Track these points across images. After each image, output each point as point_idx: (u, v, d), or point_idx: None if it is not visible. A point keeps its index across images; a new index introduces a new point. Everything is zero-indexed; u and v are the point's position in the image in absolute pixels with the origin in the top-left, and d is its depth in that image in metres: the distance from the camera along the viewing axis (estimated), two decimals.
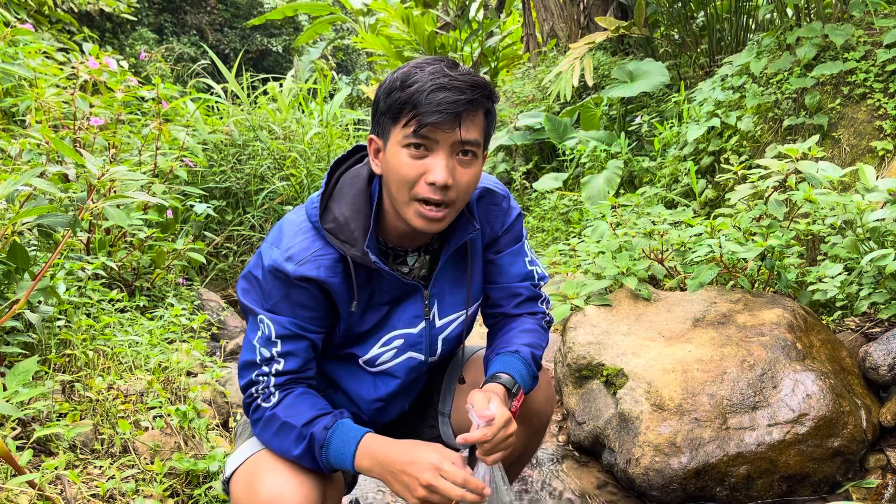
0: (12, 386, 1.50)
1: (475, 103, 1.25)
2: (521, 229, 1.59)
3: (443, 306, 1.49)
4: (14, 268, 2.00)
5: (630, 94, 5.15)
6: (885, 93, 3.47)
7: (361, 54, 15.14)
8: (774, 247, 2.47)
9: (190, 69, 10.02)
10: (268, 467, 1.29)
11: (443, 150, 1.24)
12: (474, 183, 1.32)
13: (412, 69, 1.26)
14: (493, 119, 1.34)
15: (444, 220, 1.30)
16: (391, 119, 1.26)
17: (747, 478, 2.00)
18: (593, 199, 4.60)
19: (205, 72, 8.84)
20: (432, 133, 1.23)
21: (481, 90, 1.26)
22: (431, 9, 8.55)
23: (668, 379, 2.16)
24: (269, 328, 1.32)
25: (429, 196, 1.25)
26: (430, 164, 1.24)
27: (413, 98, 1.22)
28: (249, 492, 1.27)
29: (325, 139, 5.37)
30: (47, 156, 2.54)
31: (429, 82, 1.22)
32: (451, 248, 1.43)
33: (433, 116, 1.21)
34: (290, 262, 1.30)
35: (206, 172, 5.26)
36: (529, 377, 1.46)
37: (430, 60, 1.29)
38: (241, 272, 1.39)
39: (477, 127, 1.27)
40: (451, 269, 1.48)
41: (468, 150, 1.27)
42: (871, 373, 2.22)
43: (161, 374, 2.30)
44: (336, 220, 1.34)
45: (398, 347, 1.46)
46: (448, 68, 1.26)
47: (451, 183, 1.25)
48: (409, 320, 1.45)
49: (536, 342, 1.53)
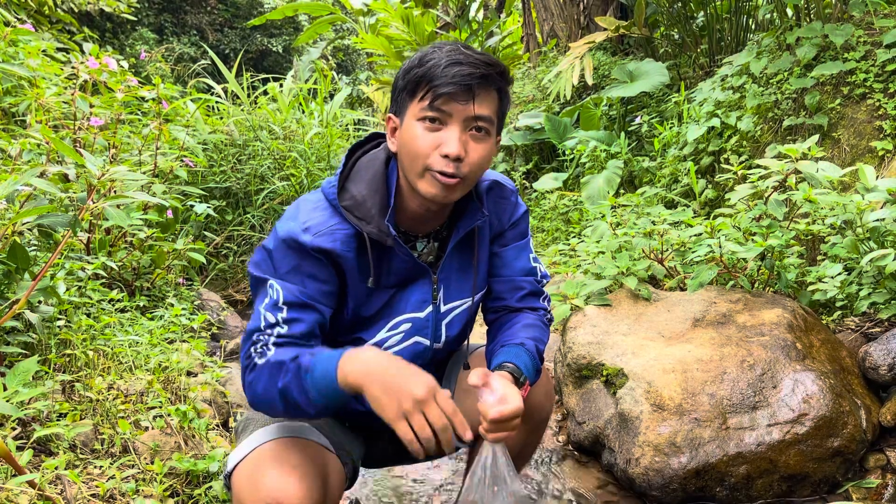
0: (12, 386, 1.51)
1: (489, 79, 1.30)
2: (526, 226, 1.63)
3: (448, 292, 1.52)
4: (14, 268, 2.00)
5: (630, 94, 5.14)
6: (885, 93, 3.47)
7: (361, 54, 15.14)
8: (774, 247, 2.47)
9: (190, 69, 10.03)
10: (270, 463, 1.28)
11: (456, 124, 1.30)
12: (486, 160, 1.36)
13: (430, 49, 1.33)
14: (507, 101, 1.38)
15: (456, 191, 1.34)
16: (408, 94, 1.32)
17: (747, 478, 2.00)
18: (593, 199, 4.60)
19: (205, 72, 8.85)
20: (446, 105, 1.28)
21: (495, 67, 1.31)
22: (431, 9, 8.55)
23: (668, 379, 2.16)
24: (278, 293, 1.34)
25: (442, 168, 1.30)
26: (443, 137, 1.30)
27: (429, 72, 1.28)
28: (251, 487, 1.26)
29: (325, 139, 5.37)
30: (47, 156, 2.54)
31: (444, 58, 1.29)
32: (461, 232, 1.47)
33: (447, 87, 1.26)
34: (307, 233, 1.34)
35: (206, 172, 5.26)
36: (534, 370, 1.48)
37: (448, 42, 1.35)
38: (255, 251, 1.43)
39: (490, 104, 1.32)
40: (457, 257, 1.52)
41: (481, 126, 1.32)
42: (871, 373, 2.22)
43: (161, 374, 2.30)
44: (353, 199, 1.38)
45: (405, 332, 1.48)
46: (464, 47, 1.32)
47: (463, 156, 1.30)
48: (416, 304, 1.48)
49: (539, 336, 1.55)
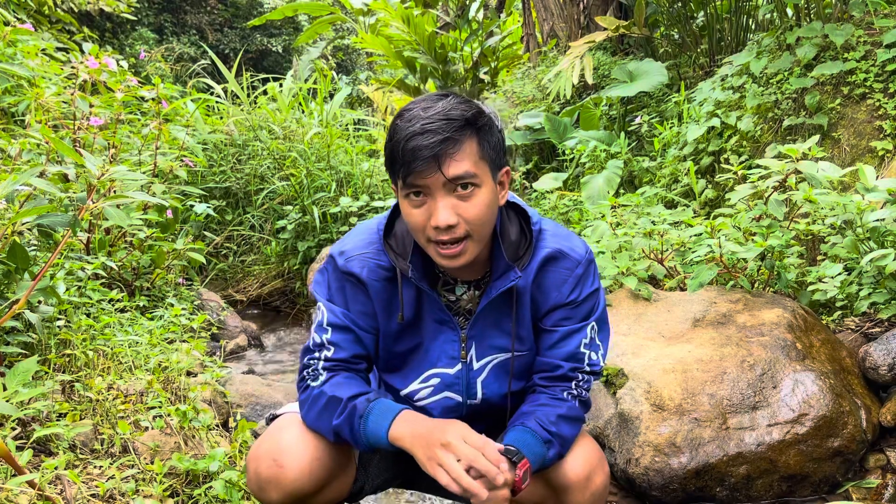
0: (12, 386, 1.50)
1: (451, 140, 1.24)
2: (591, 308, 1.45)
3: (481, 349, 1.47)
4: (14, 268, 2.00)
5: (630, 93, 5.14)
6: (885, 93, 3.47)
7: (361, 54, 15.13)
8: (774, 247, 2.47)
9: (190, 69, 10.02)
10: (301, 426, 1.42)
11: (438, 193, 1.27)
12: (486, 211, 1.30)
13: (395, 120, 1.29)
14: (491, 138, 1.30)
15: (465, 253, 1.32)
16: (390, 173, 1.32)
17: (747, 478, 2.00)
18: (593, 199, 4.59)
19: (205, 72, 8.84)
20: (420, 180, 1.26)
21: (457, 122, 1.25)
22: (431, 9, 8.54)
23: (668, 379, 2.16)
24: (324, 315, 1.43)
25: (439, 238, 1.29)
26: (431, 208, 1.28)
27: (394, 153, 1.27)
28: (275, 433, 1.41)
29: (325, 139, 5.37)
30: (47, 156, 2.54)
31: (405, 132, 1.25)
32: (492, 294, 1.40)
33: (412, 165, 1.24)
34: (342, 256, 1.43)
35: (206, 172, 5.26)
36: (542, 451, 1.36)
37: (414, 103, 1.30)
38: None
39: (465, 158, 1.26)
40: (493, 314, 1.45)
41: (465, 184, 1.27)
42: (871, 373, 2.22)
43: (161, 374, 2.30)
44: (395, 235, 1.42)
45: (434, 386, 1.49)
46: (423, 110, 1.26)
47: (453, 222, 1.27)
48: (447, 361, 1.47)
49: (551, 415, 1.41)
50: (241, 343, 3.86)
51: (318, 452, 1.38)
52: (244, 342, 3.90)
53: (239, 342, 3.85)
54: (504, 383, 1.49)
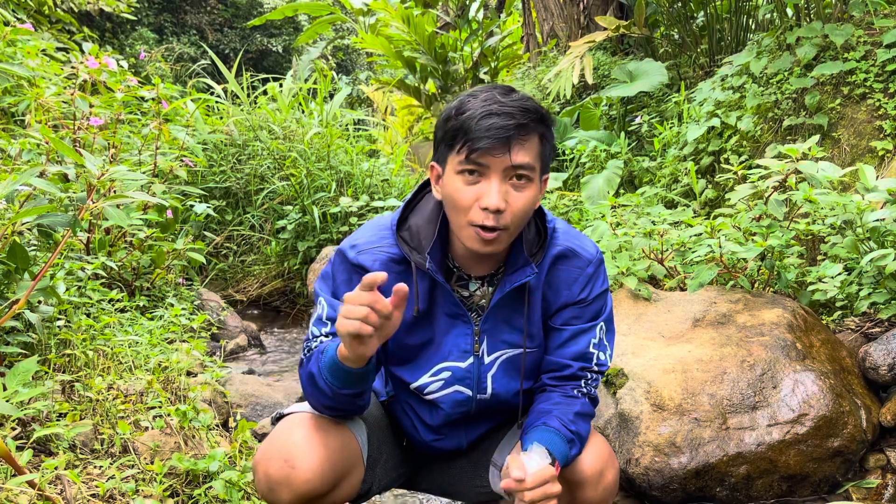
0: (12, 386, 1.50)
1: (525, 128, 1.28)
2: (600, 308, 1.48)
3: (493, 343, 1.48)
4: (14, 268, 2.00)
5: (629, 93, 5.14)
6: (885, 93, 3.47)
7: (361, 54, 15.13)
8: (774, 247, 2.47)
9: (190, 69, 10.03)
10: (309, 424, 1.40)
11: (495, 175, 1.28)
12: (530, 207, 1.34)
13: (466, 98, 1.32)
14: (550, 143, 1.35)
15: (499, 242, 1.33)
16: (447, 146, 1.32)
17: (747, 478, 2.00)
18: (593, 199, 4.59)
19: (205, 72, 8.84)
20: (484, 158, 1.27)
21: (532, 114, 1.29)
22: (431, 9, 8.54)
23: (668, 379, 2.16)
24: (324, 309, 1.43)
25: (482, 222, 1.29)
26: (483, 189, 1.28)
27: (465, 125, 1.27)
28: (284, 433, 1.39)
29: (325, 139, 5.37)
30: (47, 156, 2.54)
31: (480, 109, 1.26)
32: (506, 288, 1.41)
33: (483, 142, 1.25)
34: (354, 249, 1.43)
35: (206, 172, 5.26)
36: (566, 449, 1.39)
37: (485, 88, 1.33)
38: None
39: (530, 151, 1.30)
40: (506, 309, 1.46)
41: (521, 175, 1.30)
42: (871, 373, 2.22)
43: (161, 374, 2.30)
44: (409, 229, 1.42)
45: (445, 380, 1.48)
46: (501, 95, 1.29)
47: (503, 207, 1.28)
48: (459, 354, 1.47)
49: (569, 413, 1.44)
50: (241, 343, 3.86)
51: (329, 452, 1.37)
52: (244, 342, 3.90)
53: (239, 342, 3.85)
54: (512, 379, 1.50)
